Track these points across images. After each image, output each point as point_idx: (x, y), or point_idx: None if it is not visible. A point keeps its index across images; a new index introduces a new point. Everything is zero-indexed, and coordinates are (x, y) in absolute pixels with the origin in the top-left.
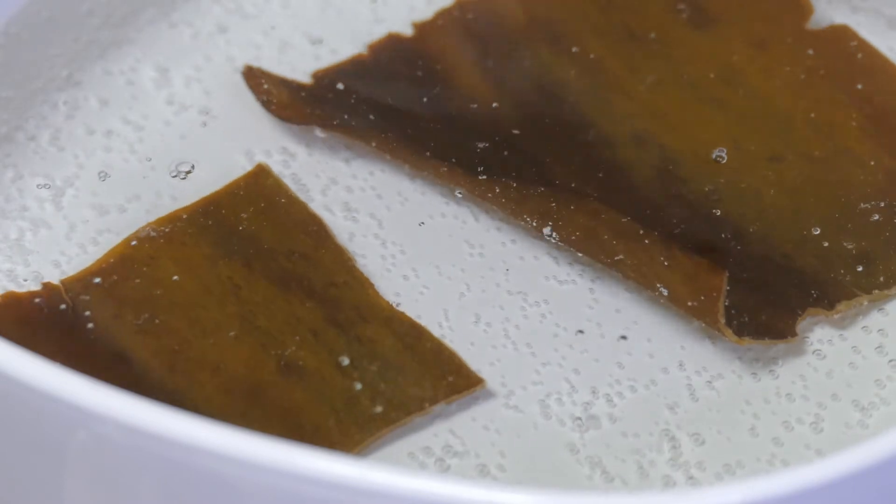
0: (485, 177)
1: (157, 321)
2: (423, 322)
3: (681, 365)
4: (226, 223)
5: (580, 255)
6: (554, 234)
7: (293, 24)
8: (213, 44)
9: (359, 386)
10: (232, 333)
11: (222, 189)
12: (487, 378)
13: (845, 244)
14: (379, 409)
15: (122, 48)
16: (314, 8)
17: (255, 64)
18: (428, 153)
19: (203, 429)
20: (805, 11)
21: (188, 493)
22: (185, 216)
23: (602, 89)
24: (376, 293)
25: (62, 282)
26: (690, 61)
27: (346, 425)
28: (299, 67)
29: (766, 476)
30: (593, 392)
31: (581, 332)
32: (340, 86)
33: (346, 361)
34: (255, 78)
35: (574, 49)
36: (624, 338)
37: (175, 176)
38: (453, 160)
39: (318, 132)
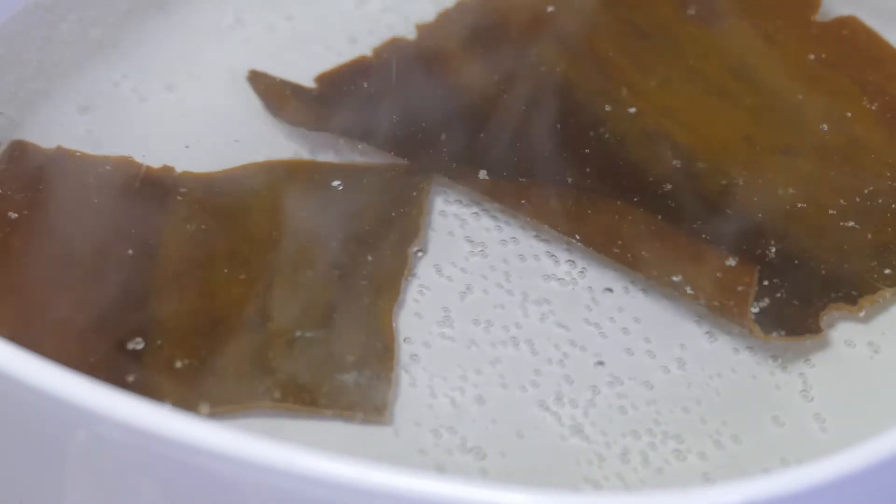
0: (493, 178)
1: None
2: (423, 321)
3: (681, 364)
4: (355, 192)
5: (581, 252)
6: (576, 236)
7: (297, 28)
8: (217, 49)
9: (292, 358)
10: (243, 277)
11: (385, 165)
12: (488, 377)
13: (864, 236)
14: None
15: (125, 53)
16: (317, 12)
17: (260, 69)
18: (434, 153)
19: (203, 429)
20: (813, 4)
21: (188, 493)
22: (321, 171)
23: (611, 87)
24: (390, 307)
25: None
26: (699, 57)
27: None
28: (304, 71)
29: (767, 476)
30: (594, 392)
31: (581, 331)
32: (345, 89)
33: (307, 333)
34: (260, 82)
35: (581, 47)
36: (624, 337)
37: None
38: (465, 162)
39: (324, 135)
